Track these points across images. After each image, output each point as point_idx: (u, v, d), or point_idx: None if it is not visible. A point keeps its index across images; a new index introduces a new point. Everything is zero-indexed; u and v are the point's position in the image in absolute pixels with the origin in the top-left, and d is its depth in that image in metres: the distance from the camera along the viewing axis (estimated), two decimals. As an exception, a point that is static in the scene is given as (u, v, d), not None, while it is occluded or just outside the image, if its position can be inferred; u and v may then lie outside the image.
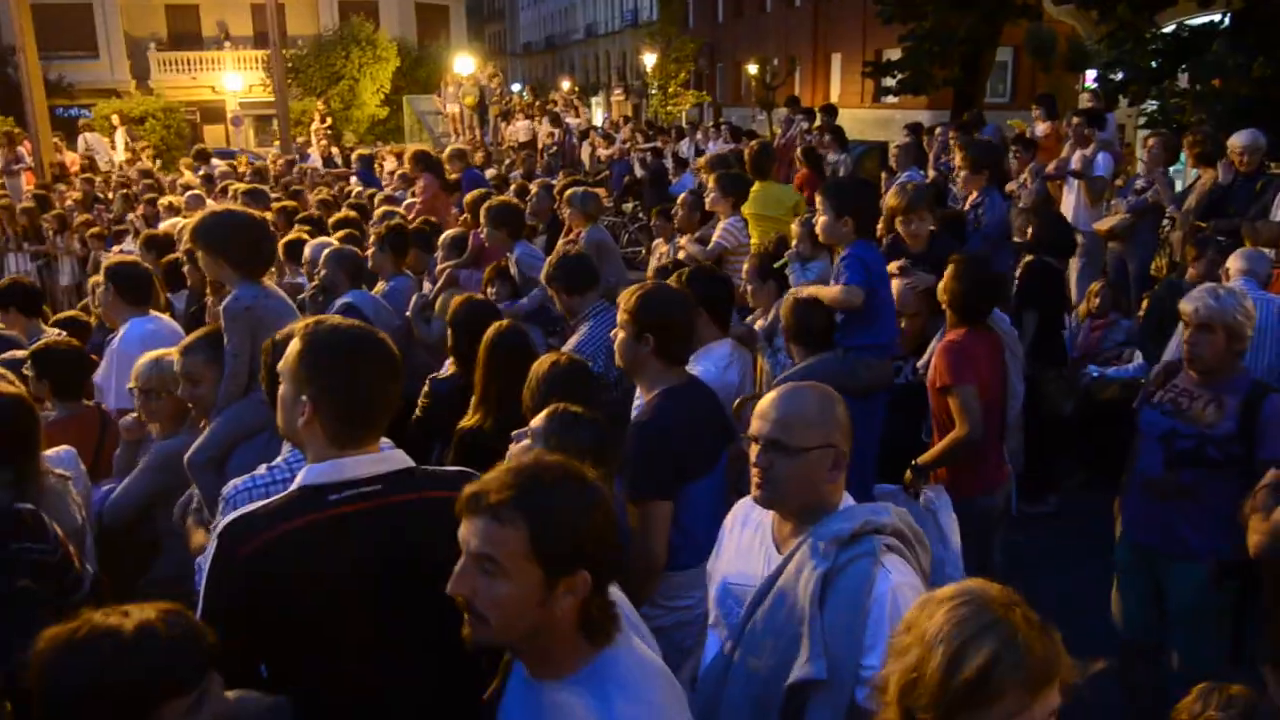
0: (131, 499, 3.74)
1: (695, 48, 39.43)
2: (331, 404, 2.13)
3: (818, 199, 4.67)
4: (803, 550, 2.25)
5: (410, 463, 2.25)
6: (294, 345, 2.19)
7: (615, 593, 1.96)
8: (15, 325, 5.63)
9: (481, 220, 6.63)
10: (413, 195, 10.21)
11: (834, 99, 28.19)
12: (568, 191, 7.65)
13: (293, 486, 2.16)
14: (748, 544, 2.48)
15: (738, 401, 4.16)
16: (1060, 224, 7.06)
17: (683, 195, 8.15)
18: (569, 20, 61.09)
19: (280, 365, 2.23)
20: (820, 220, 4.55)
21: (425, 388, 4.45)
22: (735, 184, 7.22)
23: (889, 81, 21.07)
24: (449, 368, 4.51)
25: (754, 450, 2.31)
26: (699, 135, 18.81)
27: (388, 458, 2.21)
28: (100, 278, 5.07)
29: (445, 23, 40.62)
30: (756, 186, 7.38)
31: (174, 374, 3.69)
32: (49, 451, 3.31)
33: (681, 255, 7.19)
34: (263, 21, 30.89)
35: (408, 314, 5.74)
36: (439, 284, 6.93)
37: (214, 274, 3.99)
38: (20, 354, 4.44)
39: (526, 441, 2.78)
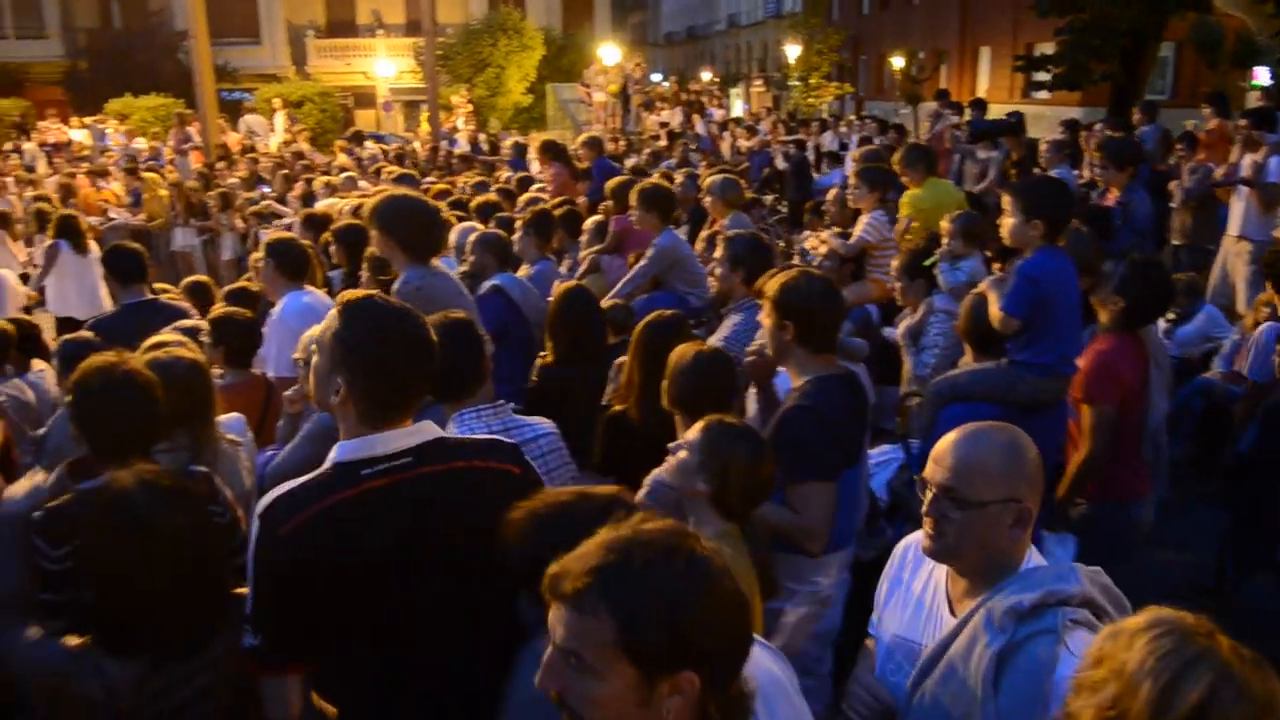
0: (293, 465, 3.88)
1: (839, 40, 38.78)
2: (364, 385, 2.14)
3: (1005, 198, 4.35)
4: (977, 619, 2.00)
5: (440, 433, 2.27)
6: (329, 321, 2.19)
7: (756, 656, 1.66)
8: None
9: (631, 203, 6.49)
10: (543, 183, 10.38)
11: (981, 93, 27.34)
12: (709, 180, 7.60)
13: (326, 464, 2.19)
14: (917, 596, 2.26)
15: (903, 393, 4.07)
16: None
17: (833, 190, 7.98)
18: (711, 11, 60.84)
19: (315, 338, 2.25)
20: (1006, 222, 4.25)
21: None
22: (878, 178, 6.96)
23: (1043, 76, 20.32)
24: (545, 356, 4.48)
25: (927, 496, 2.07)
26: (842, 128, 18.51)
27: (419, 429, 2.22)
28: (261, 253, 5.33)
29: (590, 12, 40.97)
30: (927, 183, 7.08)
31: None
32: (221, 417, 3.47)
33: (824, 249, 7.09)
34: (415, 10, 31.85)
35: (549, 299, 5.82)
36: (581, 269, 7.03)
37: (385, 253, 4.12)
38: (189, 323, 4.70)
39: (683, 454, 2.71)
